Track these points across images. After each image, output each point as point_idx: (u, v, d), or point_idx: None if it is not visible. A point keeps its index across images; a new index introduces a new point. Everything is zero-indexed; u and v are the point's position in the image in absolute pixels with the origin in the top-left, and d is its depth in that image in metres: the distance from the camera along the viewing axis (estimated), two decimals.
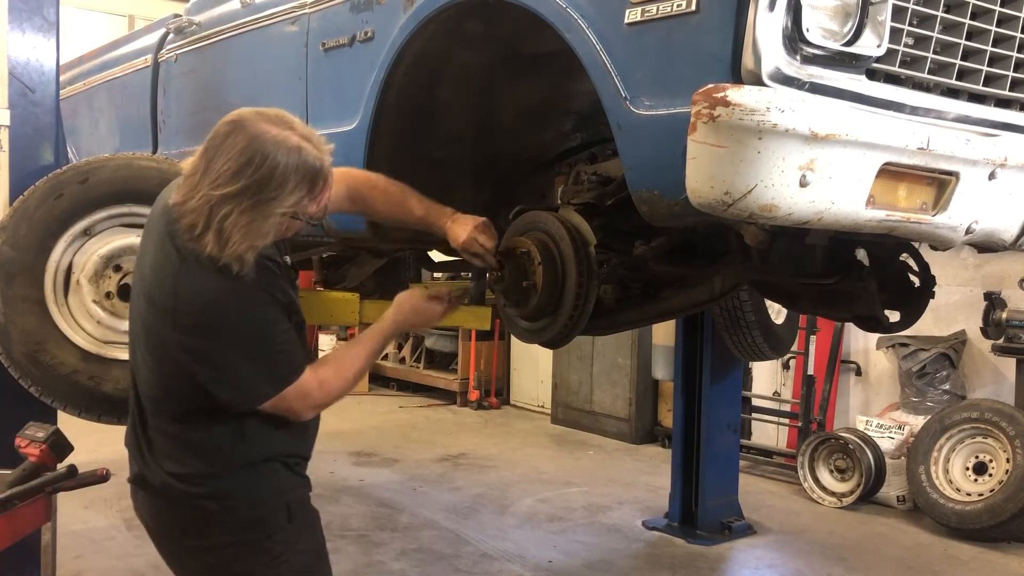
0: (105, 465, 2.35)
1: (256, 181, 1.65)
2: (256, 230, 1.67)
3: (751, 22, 1.74)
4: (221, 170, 1.65)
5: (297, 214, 1.74)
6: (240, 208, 1.65)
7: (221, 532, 1.82)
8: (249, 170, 1.65)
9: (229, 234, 1.65)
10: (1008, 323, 4.94)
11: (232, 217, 1.65)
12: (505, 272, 2.42)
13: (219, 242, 1.65)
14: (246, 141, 1.66)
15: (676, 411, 5.04)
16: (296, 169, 1.68)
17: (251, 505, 1.83)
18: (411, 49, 2.61)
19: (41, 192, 2.85)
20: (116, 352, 2.90)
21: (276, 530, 1.85)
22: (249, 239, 1.67)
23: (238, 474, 1.82)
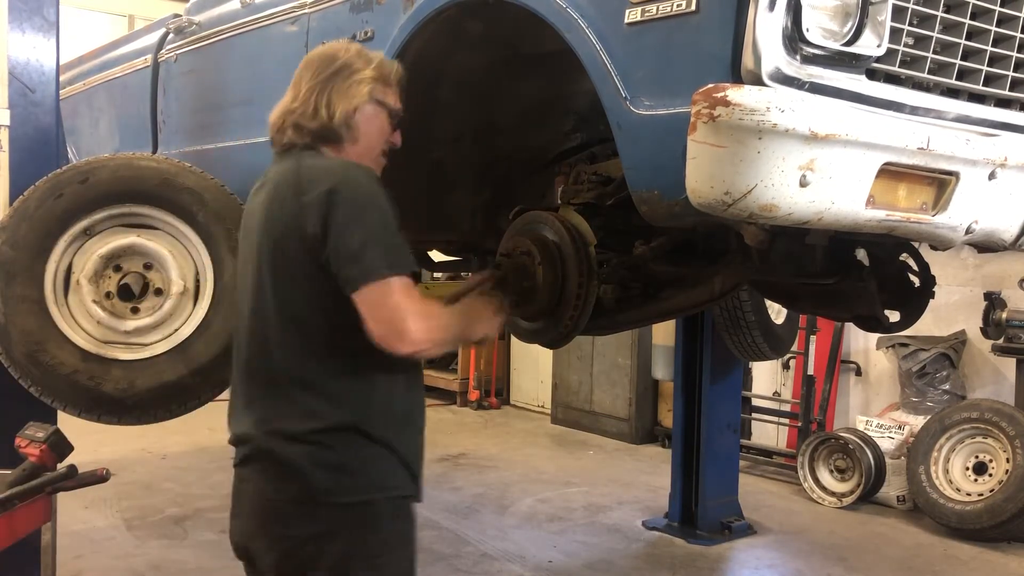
0: (105, 465, 2.35)
1: (344, 63, 1.91)
2: (354, 93, 1.89)
3: (751, 22, 1.74)
4: (314, 68, 1.92)
5: (381, 100, 1.93)
6: (336, 83, 1.89)
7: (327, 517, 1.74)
8: (335, 59, 1.92)
9: (334, 104, 1.88)
10: (1008, 323, 4.94)
11: (330, 93, 1.88)
12: (506, 273, 2.42)
13: (329, 111, 1.87)
14: (319, 52, 1.97)
15: (676, 411, 5.04)
16: (364, 59, 1.95)
17: (362, 488, 1.76)
18: (411, 49, 2.61)
19: (41, 192, 2.85)
20: (116, 352, 2.90)
21: (381, 525, 1.78)
22: (349, 100, 1.89)
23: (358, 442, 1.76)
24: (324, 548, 1.74)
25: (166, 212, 2.95)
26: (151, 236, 2.96)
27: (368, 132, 1.92)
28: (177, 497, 5.02)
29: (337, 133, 1.88)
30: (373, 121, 1.93)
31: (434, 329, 1.75)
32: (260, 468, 1.81)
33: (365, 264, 1.70)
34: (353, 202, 1.73)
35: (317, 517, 1.75)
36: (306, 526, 1.75)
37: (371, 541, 1.77)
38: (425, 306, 1.75)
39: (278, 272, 1.80)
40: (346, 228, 1.71)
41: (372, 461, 1.78)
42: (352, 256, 1.70)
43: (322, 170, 1.79)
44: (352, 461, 1.76)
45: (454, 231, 3.14)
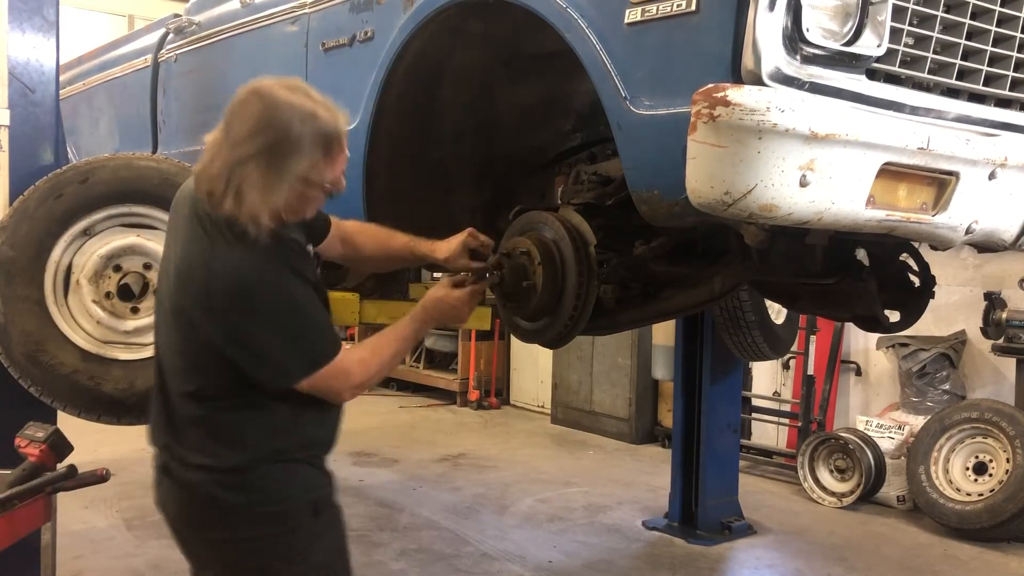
0: (105, 465, 2.34)
1: (271, 141, 1.69)
2: (271, 189, 1.69)
3: (751, 22, 1.74)
4: (238, 133, 1.71)
5: (312, 179, 1.74)
6: (258, 169, 1.69)
7: (245, 526, 1.81)
8: (265, 131, 1.69)
9: (246, 193, 1.68)
10: (1008, 323, 4.94)
11: (251, 178, 1.69)
12: (505, 272, 2.42)
13: (237, 202, 1.69)
14: (262, 105, 1.71)
15: (676, 411, 5.04)
16: (311, 131, 1.71)
17: (278, 500, 1.81)
18: (411, 49, 2.61)
19: (41, 192, 2.85)
20: (116, 352, 2.90)
21: (300, 526, 1.83)
22: (264, 197, 1.69)
23: (266, 468, 1.81)
24: (246, 547, 1.81)
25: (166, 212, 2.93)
26: (151, 236, 2.96)
27: (288, 212, 1.75)
28: None
29: (242, 228, 1.70)
30: (294, 200, 1.74)
31: (368, 381, 1.88)
32: (174, 482, 1.85)
33: (288, 376, 1.77)
34: (263, 323, 1.71)
35: (235, 525, 1.81)
36: (225, 532, 1.81)
37: (292, 540, 1.82)
38: (357, 376, 1.84)
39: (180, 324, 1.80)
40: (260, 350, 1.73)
41: (282, 477, 1.83)
42: (273, 370, 1.76)
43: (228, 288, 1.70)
44: (260, 480, 1.81)
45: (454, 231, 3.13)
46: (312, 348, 1.78)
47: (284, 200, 1.72)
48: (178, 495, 1.85)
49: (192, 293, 1.74)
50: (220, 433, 1.80)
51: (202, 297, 1.72)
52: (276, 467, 1.82)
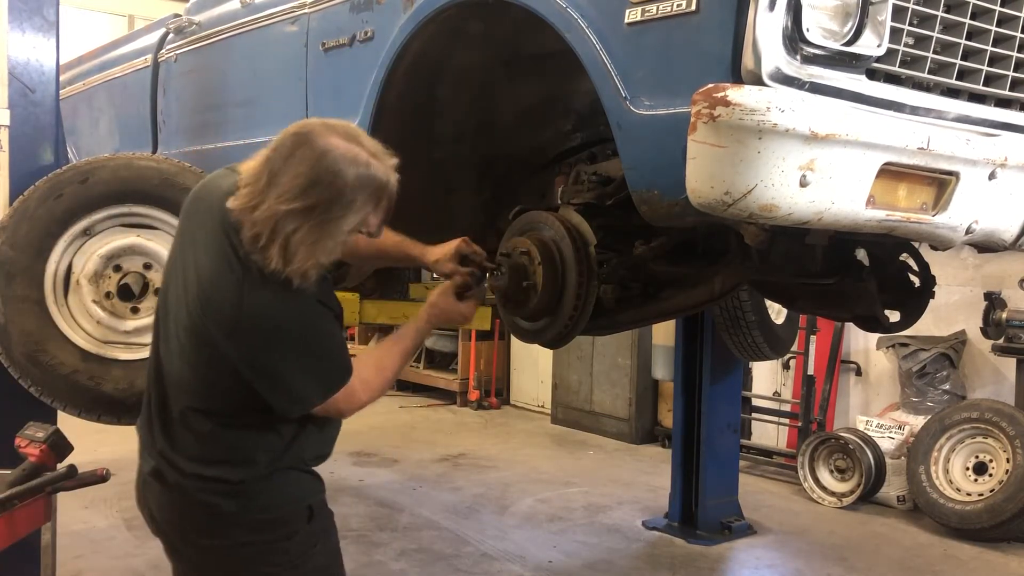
0: (105, 465, 2.34)
1: (325, 200, 1.62)
2: (323, 248, 1.65)
3: (751, 22, 1.74)
4: (289, 185, 1.61)
5: (359, 231, 1.74)
6: (308, 226, 1.62)
7: (239, 533, 1.79)
8: (318, 188, 1.61)
9: (295, 251, 1.63)
10: (1008, 323, 4.94)
11: (299, 234, 1.62)
12: (505, 272, 2.42)
13: (284, 257, 1.63)
14: (315, 157, 1.62)
15: (676, 411, 5.04)
16: (364, 186, 1.66)
17: (273, 507, 1.81)
18: (411, 49, 2.61)
19: (41, 192, 2.85)
20: (116, 352, 2.90)
21: (296, 531, 1.83)
22: (315, 256, 1.65)
23: (263, 480, 1.80)
24: (244, 554, 1.80)
25: (166, 212, 2.95)
26: (151, 236, 2.96)
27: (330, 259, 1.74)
28: None
29: (287, 279, 1.65)
30: (340, 249, 1.73)
31: (372, 397, 1.88)
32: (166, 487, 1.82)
33: (304, 402, 1.77)
34: (287, 357, 1.71)
35: (232, 532, 1.79)
36: (222, 538, 1.80)
37: (288, 546, 1.82)
38: (363, 396, 1.84)
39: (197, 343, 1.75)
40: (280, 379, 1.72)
41: (279, 485, 1.82)
42: (290, 398, 1.75)
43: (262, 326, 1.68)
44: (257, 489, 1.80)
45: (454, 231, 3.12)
46: (328, 377, 1.78)
47: (334, 256, 1.72)
48: (171, 500, 1.82)
49: (217, 320, 1.70)
50: (223, 449, 1.79)
51: (228, 326, 1.69)
52: (273, 478, 1.81)
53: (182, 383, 1.80)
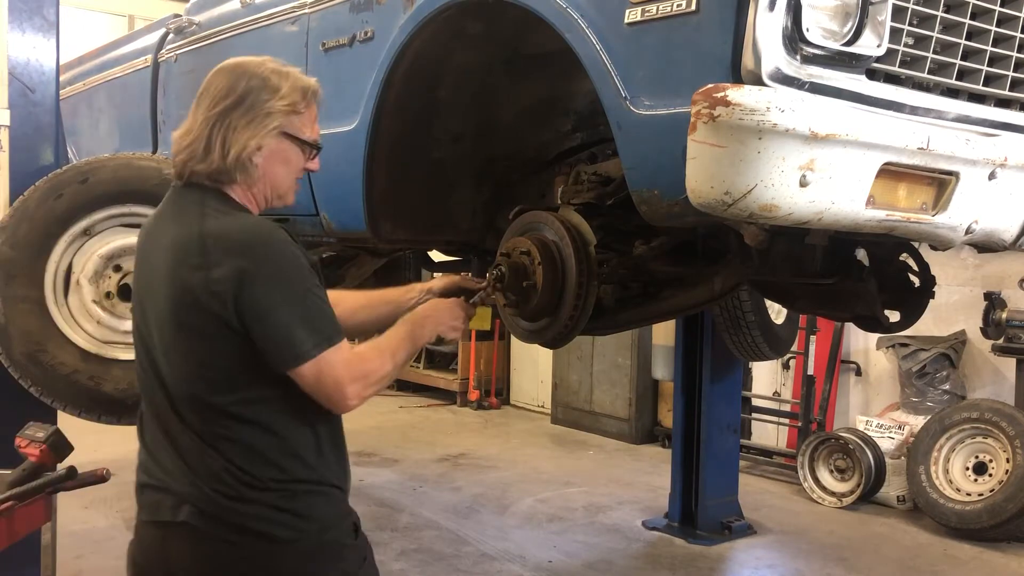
0: (105, 465, 2.34)
1: (249, 88, 1.69)
2: (255, 127, 1.68)
3: (751, 22, 1.74)
4: (212, 95, 1.69)
5: (292, 132, 1.72)
6: (238, 113, 1.68)
7: (295, 561, 1.65)
8: (240, 83, 1.69)
9: (233, 138, 1.67)
10: (1008, 323, 4.94)
11: (233, 123, 1.67)
12: (505, 272, 2.42)
13: (223, 149, 1.67)
14: (230, 68, 1.73)
15: (676, 411, 5.04)
16: (284, 77, 1.73)
17: (323, 528, 1.69)
18: (411, 49, 2.61)
19: (41, 192, 2.85)
20: (116, 352, 2.90)
21: (347, 549, 1.74)
22: (248, 135, 1.68)
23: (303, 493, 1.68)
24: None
25: None
26: None
27: (272, 171, 1.73)
28: None
29: (231, 175, 1.68)
30: (279, 157, 1.73)
31: (371, 389, 1.71)
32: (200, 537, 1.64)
33: (294, 348, 1.61)
34: (266, 279, 1.60)
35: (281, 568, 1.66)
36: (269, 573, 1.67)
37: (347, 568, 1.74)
38: (360, 368, 1.69)
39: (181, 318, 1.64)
40: (262, 309, 1.60)
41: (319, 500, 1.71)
42: (281, 338, 1.61)
43: (227, 238, 1.62)
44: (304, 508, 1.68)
45: (454, 231, 3.13)
46: (313, 323, 1.63)
47: (269, 140, 1.69)
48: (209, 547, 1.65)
49: (192, 268, 1.60)
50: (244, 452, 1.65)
51: (202, 266, 1.59)
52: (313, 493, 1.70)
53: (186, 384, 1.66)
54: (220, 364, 1.64)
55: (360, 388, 1.68)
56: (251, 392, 1.65)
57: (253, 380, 1.65)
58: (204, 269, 1.59)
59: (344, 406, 1.69)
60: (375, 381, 1.72)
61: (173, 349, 1.66)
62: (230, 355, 1.63)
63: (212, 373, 1.64)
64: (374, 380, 1.72)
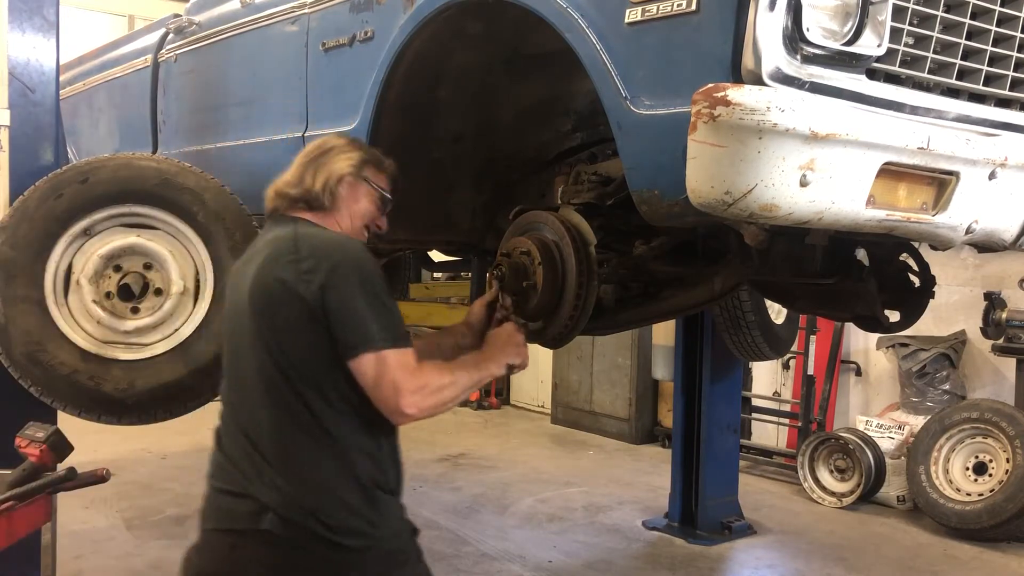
0: (105, 465, 2.34)
1: (330, 147, 2.02)
2: (338, 166, 1.98)
3: (751, 22, 1.74)
4: (303, 157, 2.02)
5: (367, 176, 2.00)
6: (326, 158, 2.00)
7: (365, 570, 1.73)
8: (325, 146, 2.02)
9: (321, 171, 1.97)
10: (1008, 323, 4.94)
11: (316, 167, 1.98)
12: (505, 272, 2.42)
13: (312, 179, 1.95)
14: (316, 141, 2.07)
15: (676, 411, 5.04)
16: (358, 145, 2.08)
17: (391, 535, 1.79)
18: (411, 49, 2.61)
19: (41, 192, 2.85)
20: (116, 352, 2.89)
21: (408, 554, 1.84)
22: (331, 170, 1.97)
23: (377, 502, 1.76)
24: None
25: (166, 212, 2.95)
26: (151, 236, 2.96)
27: (349, 204, 1.99)
28: (177, 497, 5.02)
29: (318, 199, 1.94)
30: (355, 194, 2.00)
31: (429, 401, 1.76)
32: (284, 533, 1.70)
33: (367, 334, 1.72)
34: (355, 276, 1.75)
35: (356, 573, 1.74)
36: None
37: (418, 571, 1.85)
38: (420, 379, 1.75)
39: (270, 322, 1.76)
40: (349, 300, 1.72)
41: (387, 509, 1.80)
42: (354, 325, 1.72)
43: (322, 241, 1.83)
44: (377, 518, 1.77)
45: (454, 231, 3.14)
46: (387, 322, 1.75)
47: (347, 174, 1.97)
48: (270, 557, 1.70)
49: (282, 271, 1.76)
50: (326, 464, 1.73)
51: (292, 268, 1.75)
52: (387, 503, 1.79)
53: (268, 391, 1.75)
54: (304, 355, 1.73)
55: (418, 399, 1.74)
56: (332, 391, 1.73)
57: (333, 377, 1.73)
58: (296, 262, 1.76)
59: (400, 414, 1.74)
60: (434, 395, 1.77)
61: (262, 346, 1.76)
62: (312, 347, 1.72)
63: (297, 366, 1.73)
64: (433, 394, 1.77)
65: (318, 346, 1.73)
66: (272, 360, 1.75)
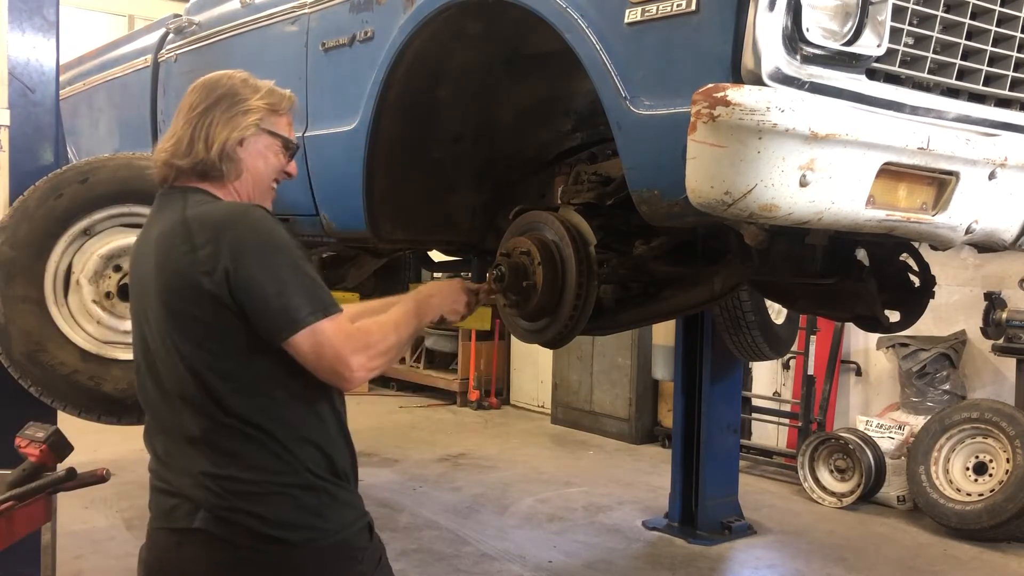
0: (105, 465, 2.33)
1: (228, 89, 1.79)
2: (235, 122, 1.76)
3: (751, 22, 1.74)
4: (192, 101, 1.79)
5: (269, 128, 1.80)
6: (218, 111, 1.76)
7: (311, 564, 1.64)
8: (218, 87, 1.79)
9: (214, 132, 1.74)
10: (1008, 323, 4.94)
11: (213, 120, 1.75)
12: (505, 272, 2.42)
13: (206, 143, 1.74)
14: (206, 79, 1.84)
15: (676, 411, 5.04)
16: (257, 85, 1.83)
17: (338, 529, 1.68)
18: (411, 49, 2.61)
19: (41, 192, 2.85)
20: (116, 352, 2.90)
21: (362, 550, 1.72)
22: (230, 129, 1.75)
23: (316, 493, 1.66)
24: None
25: None
26: None
27: (254, 165, 1.78)
28: None
29: (216, 168, 1.73)
30: (260, 152, 1.79)
31: (375, 361, 1.67)
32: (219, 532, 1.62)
33: (292, 314, 1.58)
34: (261, 252, 1.60)
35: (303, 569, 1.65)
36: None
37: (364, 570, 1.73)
38: (361, 339, 1.65)
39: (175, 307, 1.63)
40: (262, 283, 1.58)
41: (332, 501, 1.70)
42: (275, 309, 1.58)
43: (211, 218, 1.64)
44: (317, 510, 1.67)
45: (454, 231, 3.13)
46: (310, 293, 1.61)
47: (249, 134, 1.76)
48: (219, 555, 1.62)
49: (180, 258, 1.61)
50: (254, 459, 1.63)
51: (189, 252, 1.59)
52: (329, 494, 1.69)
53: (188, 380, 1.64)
54: (221, 351, 1.62)
55: (365, 360, 1.64)
56: (255, 383, 1.63)
57: (255, 368, 1.62)
58: (191, 252, 1.60)
59: (350, 378, 1.64)
60: (380, 352, 1.68)
61: (172, 345, 1.65)
62: (229, 340, 1.61)
63: (214, 363, 1.62)
64: (379, 351, 1.67)
65: (235, 339, 1.60)
66: (186, 362, 1.63)
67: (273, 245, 1.62)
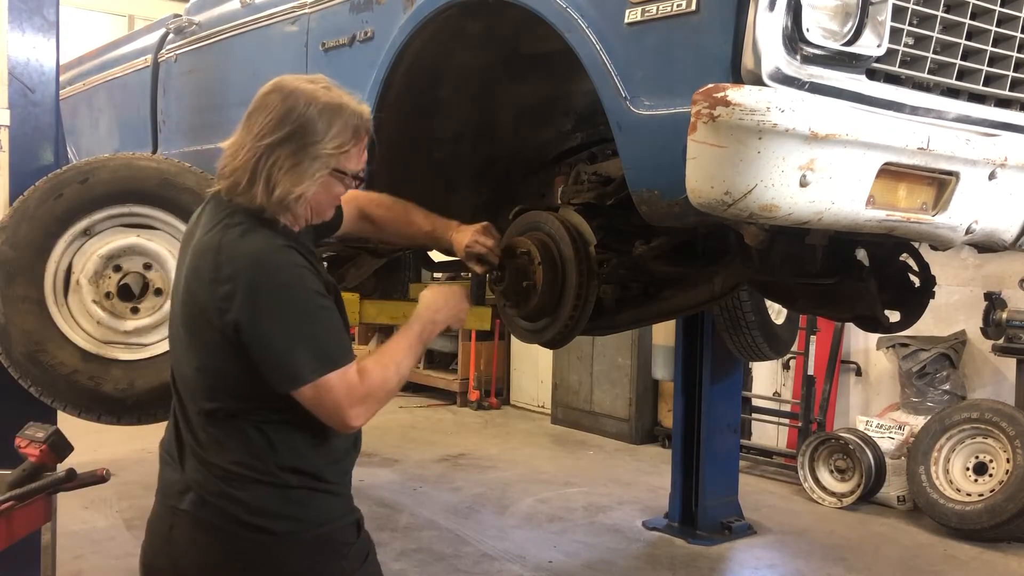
0: (105, 465, 2.34)
1: (300, 125, 1.67)
2: (302, 172, 1.67)
3: (751, 22, 1.74)
4: (262, 124, 1.68)
5: (338, 167, 1.72)
6: (285, 153, 1.67)
7: (292, 555, 1.67)
8: (292, 116, 1.67)
9: (277, 180, 1.66)
10: (1008, 323, 4.94)
11: (278, 163, 1.66)
12: (505, 272, 2.42)
13: (267, 189, 1.66)
14: (284, 95, 1.70)
15: (676, 411, 5.04)
16: (336, 113, 1.71)
17: (321, 522, 1.70)
18: (411, 49, 2.61)
19: (41, 192, 2.85)
20: (116, 352, 2.90)
21: (348, 546, 1.75)
22: (294, 181, 1.67)
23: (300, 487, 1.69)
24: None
25: (166, 212, 2.95)
26: (151, 236, 2.96)
27: (315, 199, 1.74)
28: None
29: (272, 212, 1.69)
30: (322, 195, 1.75)
31: (375, 403, 1.70)
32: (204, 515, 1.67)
33: (296, 371, 1.62)
34: (269, 299, 1.61)
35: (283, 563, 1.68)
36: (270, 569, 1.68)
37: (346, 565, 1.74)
38: (363, 389, 1.67)
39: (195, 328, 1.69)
40: (263, 336, 1.61)
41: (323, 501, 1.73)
42: (280, 364, 1.62)
43: (237, 254, 1.63)
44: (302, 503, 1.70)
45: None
46: (327, 347, 1.65)
47: (314, 186, 1.69)
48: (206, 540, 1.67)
49: (204, 284, 1.64)
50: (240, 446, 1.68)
51: (212, 284, 1.62)
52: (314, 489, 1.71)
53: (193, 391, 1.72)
54: (221, 373, 1.67)
55: (363, 410, 1.68)
56: (253, 383, 1.66)
57: (254, 391, 1.66)
58: (214, 283, 1.63)
59: (347, 428, 1.69)
60: (380, 399, 1.72)
61: (183, 347, 1.73)
62: (231, 367, 1.65)
63: (213, 380, 1.68)
64: (379, 399, 1.72)
65: (241, 371, 1.64)
66: (188, 355, 1.69)
67: (289, 295, 1.63)
